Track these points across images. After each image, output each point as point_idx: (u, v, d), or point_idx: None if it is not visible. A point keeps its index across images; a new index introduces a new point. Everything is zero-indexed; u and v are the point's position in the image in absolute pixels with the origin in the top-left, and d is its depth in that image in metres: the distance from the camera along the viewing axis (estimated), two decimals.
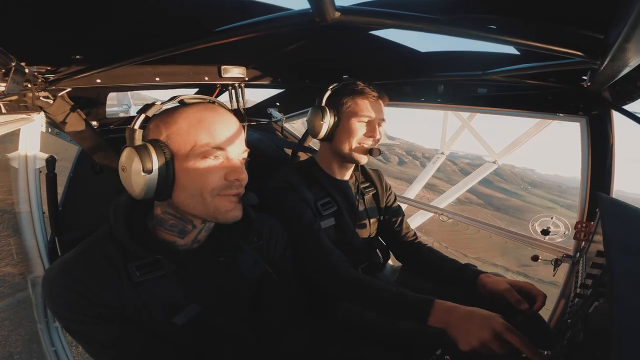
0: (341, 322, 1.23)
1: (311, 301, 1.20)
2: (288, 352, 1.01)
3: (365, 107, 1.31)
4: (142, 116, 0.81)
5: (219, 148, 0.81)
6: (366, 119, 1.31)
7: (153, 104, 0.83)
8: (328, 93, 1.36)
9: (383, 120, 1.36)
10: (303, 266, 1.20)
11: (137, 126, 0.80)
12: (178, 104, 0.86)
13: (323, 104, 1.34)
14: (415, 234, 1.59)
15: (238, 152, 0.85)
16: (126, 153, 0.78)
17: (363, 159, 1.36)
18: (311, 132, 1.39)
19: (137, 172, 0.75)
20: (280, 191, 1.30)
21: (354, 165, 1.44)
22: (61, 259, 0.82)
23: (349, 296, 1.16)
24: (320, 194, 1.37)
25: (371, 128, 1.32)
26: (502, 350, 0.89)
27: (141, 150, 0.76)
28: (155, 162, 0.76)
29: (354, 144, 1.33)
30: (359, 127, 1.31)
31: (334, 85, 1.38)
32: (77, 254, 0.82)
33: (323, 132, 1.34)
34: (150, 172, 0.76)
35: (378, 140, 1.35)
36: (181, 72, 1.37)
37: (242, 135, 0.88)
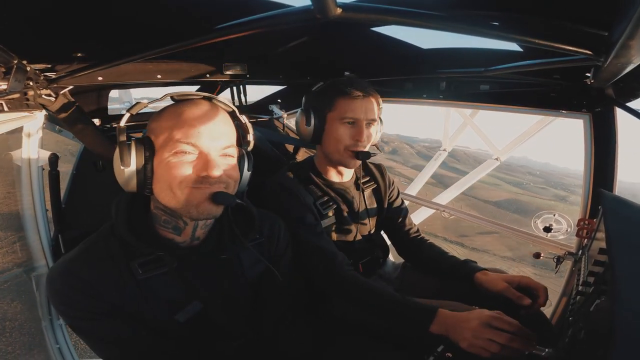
0: (341, 321, 1.24)
1: (311, 300, 1.20)
2: (289, 350, 1.02)
3: (350, 108, 1.23)
4: (128, 114, 0.83)
5: (192, 143, 0.80)
6: (351, 122, 1.25)
7: (139, 103, 0.84)
8: (312, 94, 1.31)
9: (374, 120, 1.29)
10: (303, 268, 1.19)
11: (123, 124, 0.82)
12: (173, 101, 0.87)
13: (308, 106, 1.29)
14: (418, 230, 1.58)
15: (215, 147, 0.83)
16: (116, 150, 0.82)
17: (352, 164, 1.32)
18: (300, 136, 1.35)
19: (118, 166, 0.80)
20: (278, 195, 1.28)
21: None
22: (64, 257, 0.83)
23: (351, 300, 1.16)
24: (318, 194, 1.36)
25: (357, 131, 1.25)
26: (503, 341, 0.89)
27: (122, 146, 0.79)
28: (133, 157, 0.79)
29: (341, 149, 1.27)
30: (343, 131, 1.25)
31: (318, 85, 1.32)
32: (79, 252, 0.83)
33: (310, 137, 1.30)
34: (127, 166, 0.79)
35: (366, 143, 1.28)
36: (182, 70, 1.37)
37: (226, 131, 0.86)
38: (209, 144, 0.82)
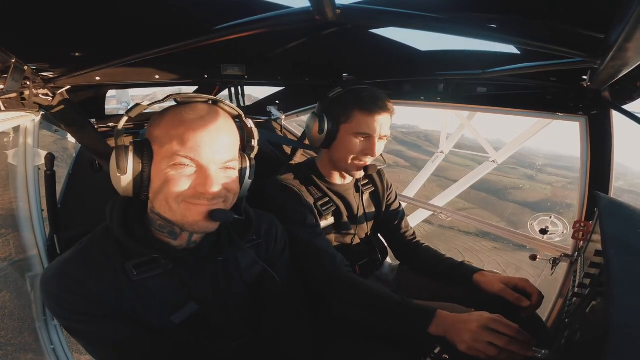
0: (340, 321, 1.24)
1: (310, 300, 1.20)
2: (288, 351, 1.01)
3: (367, 123, 1.21)
4: (126, 117, 0.80)
5: (191, 157, 0.76)
6: (366, 136, 1.24)
7: (138, 104, 0.81)
8: (328, 100, 1.29)
9: (386, 135, 1.28)
10: (302, 269, 1.19)
11: (121, 126, 0.79)
12: (174, 103, 0.83)
13: (323, 111, 1.27)
14: (414, 233, 1.59)
15: (216, 162, 0.79)
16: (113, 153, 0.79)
17: (357, 175, 1.33)
18: (309, 139, 1.35)
19: (114, 171, 0.77)
20: (278, 196, 1.28)
21: None
22: (59, 258, 0.82)
23: (350, 301, 1.16)
24: (318, 195, 1.36)
25: (370, 145, 1.24)
26: (502, 344, 0.89)
27: (119, 151, 0.76)
28: (130, 164, 0.77)
29: (349, 160, 1.27)
30: (356, 144, 1.24)
31: (337, 90, 1.29)
32: (74, 254, 0.82)
33: (320, 142, 1.28)
34: (124, 173, 0.76)
35: (377, 155, 1.28)
36: (181, 70, 1.37)
37: (229, 143, 0.82)
38: (210, 158, 0.78)
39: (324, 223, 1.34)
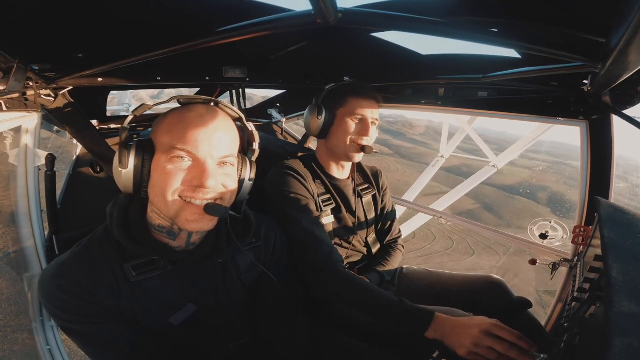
0: (337, 324, 1.23)
1: (307, 303, 1.19)
2: (286, 354, 1.01)
3: (359, 106, 1.32)
4: (132, 116, 0.82)
5: (188, 151, 0.78)
6: (359, 118, 1.33)
7: (143, 104, 0.83)
8: (325, 92, 1.38)
9: (377, 120, 1.38)
10: (298, 260, 1.18)
11: (127, 125, 0.81)
12: (178, 104, 0.85)
13: (320, 102, 1.36)
14: (398, 234, 1.62)
15: (213, 156, 0.80)
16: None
17: (357, 157, 1.37)
18: (307, 129, 1.41)
19: (117, 166, 0.79)
20: (283, 176, 1.30)
21: (351, 163, 1.45)
22: (57, 260, 0.82)
23: (347, 297, 1.14)
24: (321, 190, 1.39)
25: (364, 127, 1.33)
26: (503, 349, 0.89)
27: (122, 147, 0.78)
28: (132, 159, 0.78)
29: (348, 142, 1.34)
30: (352, 126, 1.33)
31: (331, 85, 1.39)
32: (73, 255, 0.82)
33: (319, 130, 1.36)
34: (125, 167, 0.78)
35: (370, 139, 1.36)
36: (182, 72, 1.37)
37: (227, 140, 0.83)
38: (207, 152, 0.79)
39: (324, 220, 1.34)
